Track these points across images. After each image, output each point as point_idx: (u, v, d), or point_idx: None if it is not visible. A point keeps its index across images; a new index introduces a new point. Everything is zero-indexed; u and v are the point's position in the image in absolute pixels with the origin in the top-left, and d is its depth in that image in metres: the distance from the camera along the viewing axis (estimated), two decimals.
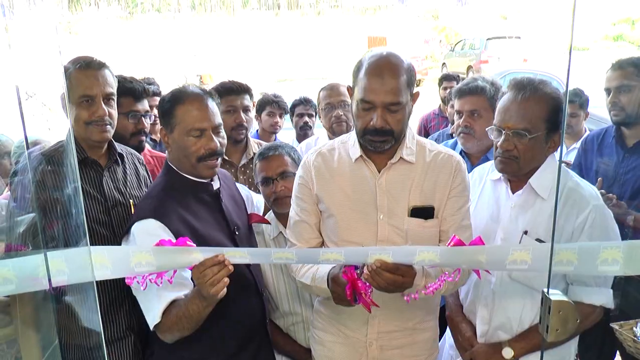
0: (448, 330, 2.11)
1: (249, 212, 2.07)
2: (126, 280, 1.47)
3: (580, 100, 3.64)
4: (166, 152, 1.87)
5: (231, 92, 2.61)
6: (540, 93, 1.77)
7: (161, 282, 1.48)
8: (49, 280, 1.28)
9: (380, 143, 1.70)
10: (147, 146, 2.59)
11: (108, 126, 1.89)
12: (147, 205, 1.74)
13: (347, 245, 1.75)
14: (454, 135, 2.80)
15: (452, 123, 3.16)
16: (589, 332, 1.87)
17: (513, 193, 1.87)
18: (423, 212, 1.74)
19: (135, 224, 1.68)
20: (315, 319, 1.97)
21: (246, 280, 1.85)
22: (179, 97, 1.75)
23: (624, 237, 2.01)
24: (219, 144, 1.75)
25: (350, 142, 1.83)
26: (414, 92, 1.73)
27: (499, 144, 1.81)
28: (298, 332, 2.16)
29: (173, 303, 1.62)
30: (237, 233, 1.85)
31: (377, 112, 1.65)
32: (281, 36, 23.98)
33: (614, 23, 20.65)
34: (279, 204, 2.10)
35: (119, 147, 2.02)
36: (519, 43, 16.14)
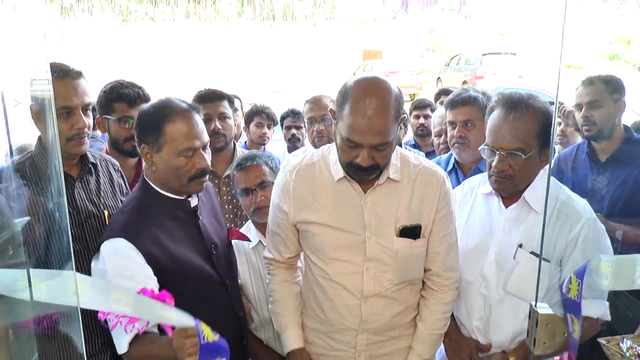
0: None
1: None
2: (99, 314, 1.39)
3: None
4: (145, 167, 1.77)
5: (205, 99, 2.55)
6: (532, 109, 1.73)
7: (132, 330, 1.40)
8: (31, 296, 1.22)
9: (365, 176, 1.65)
10: None
11: (86, 138, 1.81)
12: (119, 222, 1.67)
13: (335, 262, 1.73)
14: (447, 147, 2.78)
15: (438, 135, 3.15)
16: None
17: (506, 207, 1.85)
18: (411, 232, 1.72)
19: (105, 242, 1.61)
20: (303, 325, 1.92)
21: (222, 301, 1.81)
22: (166, 114, 1.64)
23: (614, 252, 1.99)
24: (208, 162, 1.70)
25: (331, 158, 1.75)
26: (401, 117, 1.65)
27: (493, 164, 1.77)
28: (279, 342, 2.11)
29: (144, 335, 1.56)
30: (214, 252, 1.79)
31: (363, 152, 1.58)
32: (276, 47, 24.05)
33: (610, 42, 20.90)
34: (259, 214, 2.09)
35: (92, 156, 1.93)
36: (515, 59, 16.26)
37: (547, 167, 1.81)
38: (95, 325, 1.79)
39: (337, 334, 1.81)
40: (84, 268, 1.71)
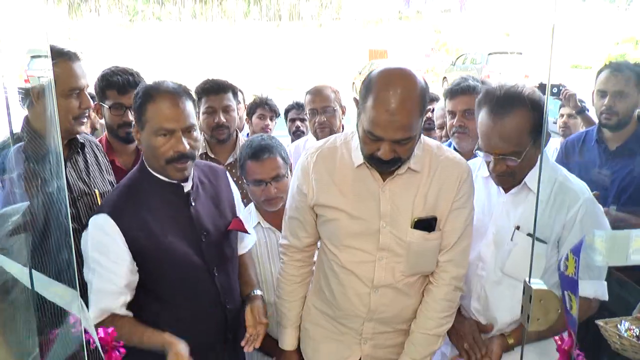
0: None
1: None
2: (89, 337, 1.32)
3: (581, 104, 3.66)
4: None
5: (210, 91, 2.54)
6: (520, 106, 1.67)
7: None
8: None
9: (387, 168, 1.61)
10: None
11: (86, 119, 1.88)
12: (108, 199, 1.71)
13: (348, 250, 1.71)
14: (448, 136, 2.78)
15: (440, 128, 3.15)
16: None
17: (506, 192, 1.84)
18: (426, 224, 1.67)
19: (92, 217, 1.65)
20: (307, 312, 1.92)
21: (206, 291, 1.77)
22: (150, 94, 1.65)
23: None
24: (188, 146, 1.64)
25: (353, 143, 1.70)
26: (426, 110, 1.59)
27: (490, 167, 1.76)
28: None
29: (116, 317, 1.62)
30: (203, 240, 1.75)
31: (385, 146, 1.53)
32: (282, 47, 24.13)
33: (617, 42, 20.84)
34: (270, 204, 2.07)
35: (81, 137, 1.96)
36: (521, 59, 16.22)
37: (545, 150, 1.80)
38: None
39: (344, 319, 1.80)
40: (79, 243, 1.73)
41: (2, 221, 1.60)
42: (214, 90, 2.55)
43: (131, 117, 2.25)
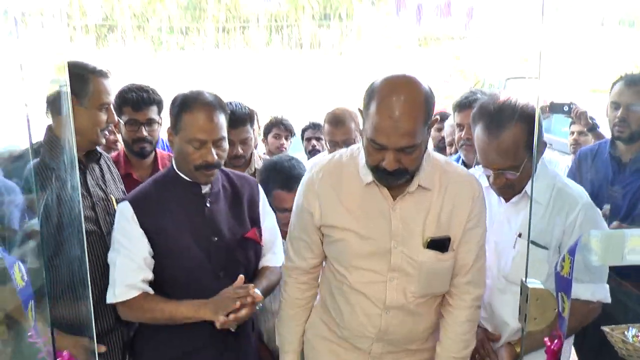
0: None
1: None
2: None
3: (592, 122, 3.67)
4: None
5: (229, 125, 2.53)
6: (513, 122, 1.70)
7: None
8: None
9: (393, 180, 1.57)
10: (160, 150, 2.63)
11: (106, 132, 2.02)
12: (136, 189, 1.87)
13: (357, 270, 1.66)
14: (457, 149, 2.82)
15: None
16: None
17: (506, 201, 1.87)
18: (440, 244, 1.64)
19: (120, 203, 1.84)
20: (312, 324, 1.89)
21: (209, 290, 1.80)
22: (187, 104, 1.77)
23: None
24: (216, 157, 1.77)
25: (360, 160, 1.65)
26: (432, 120, 1.56)
27: (490, 181, 1.79)
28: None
29: (148, 296, 1.77)
30: (214, 241, 1.83)
31: (389, 155, 1.49)
32: (303, 75, 24.38)
33: (637, 66, 20.62)
34: None
35: (99, 148, 2.09)
36: (539, 83, 16.14)
37: (544, 158, 1.84)
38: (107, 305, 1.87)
39: (352, 339, 1.77)
40: (98, 245, 1.84)
41: (21, 223, 1.69)
42: (232, 124, 2.47)
43: (145, 132, 2.37)
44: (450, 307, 1.73)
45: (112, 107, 1.97)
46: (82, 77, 1.86)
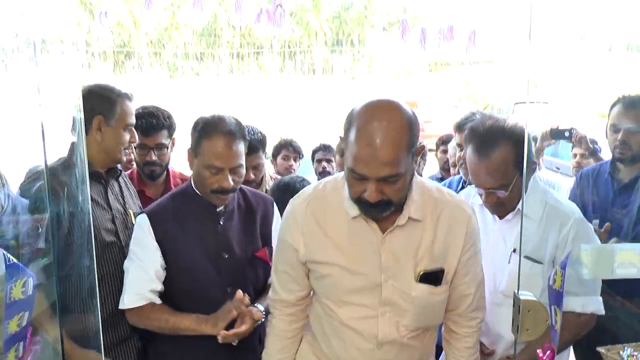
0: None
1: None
2: None
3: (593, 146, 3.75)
4: None
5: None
6: (501, 143, 1.74)
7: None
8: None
9: (377, 213, 1.45)
10: (172, 170, 2.70)
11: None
12: (155, 202, 1.93)
13: (348, 306, 1.56)
14: (457, 171, 2.88)
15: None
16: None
17: (500, 219, 1.91)
18: (433, 277, 1.54)
19: (139, 215, 1.90)
20: (303, 356, 1.78)
21: (216, 305, 1.81)
22: (207, 131, 1.79)
23: None
24: (232, 183, 1.79)
25: (345, 191, 1.53)
26: (418, 147, 1.45)
27: (483, 199, 1.83)
28: None
29: (155, 306, 1.82)
30: (225, 256, 1.86)
31: (371, 186, 1.38)
32: (316, 100, 24.62)
33: None
34: None
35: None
36: (547, 108, 16.22)
37: (535, 174, 1.89)
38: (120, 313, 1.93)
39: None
40: (116, 256, 1.92)
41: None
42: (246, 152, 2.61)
43: (154, 156, 2.44)
44: (457, 334, 1.68)
45: (133, 127, 2.05)
46: (109, 99, 1.95)
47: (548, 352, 1.46)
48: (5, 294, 1.26)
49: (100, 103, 1.95)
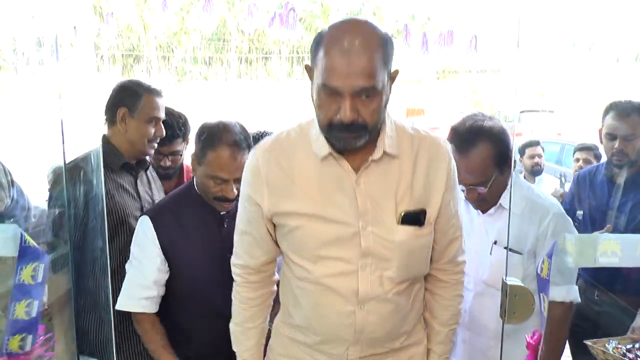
0: None
1: None
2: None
3: (595, 152, 3.87)
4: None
5: None
6: (480, 141, 1.82)
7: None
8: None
9: (351, 139, 1.32)
10: (186, 165, 2.79)
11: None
12: (157, 204, 1.99)
13: (323, 261, 1.42)
14: None
15: None
16: None
17: (483, 213, 2.01)
18: (415, 218, 1.42)
19: (141, 217, 1.91)
20: (274, 343, 1.67)
21: (219, 305, 1.82)
22: (212, 142, 1.78)
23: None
24: (236, 192, 1.78)
25: (313, 133, 1.42)
26: (393, 72, 1.35)
27: (465, 195, 1.93)
28: None
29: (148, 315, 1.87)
30: (229, 256, 1.76)
31: (345, 102, 1.26)
32: None
33: None
34: None
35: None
36: (553, 117, 16.26)
37: (516, 171, 1.99)
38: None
39: (325, 345, 1.51)
40: None
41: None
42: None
43: (168, 163, 2.54)
44: (446, 283, 1.60)
45: (160, 122, 2.14)
46: (135, 92, 2.08)
47: (535, 336, 1.55)
48: (16, 274, 1.31)
49: (126, 96, 2.08)
